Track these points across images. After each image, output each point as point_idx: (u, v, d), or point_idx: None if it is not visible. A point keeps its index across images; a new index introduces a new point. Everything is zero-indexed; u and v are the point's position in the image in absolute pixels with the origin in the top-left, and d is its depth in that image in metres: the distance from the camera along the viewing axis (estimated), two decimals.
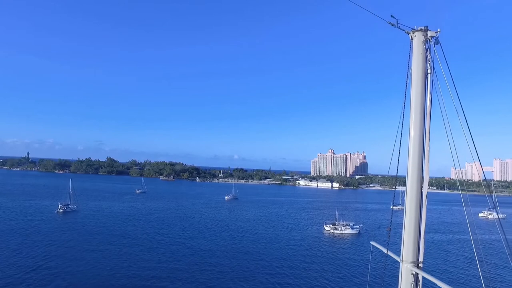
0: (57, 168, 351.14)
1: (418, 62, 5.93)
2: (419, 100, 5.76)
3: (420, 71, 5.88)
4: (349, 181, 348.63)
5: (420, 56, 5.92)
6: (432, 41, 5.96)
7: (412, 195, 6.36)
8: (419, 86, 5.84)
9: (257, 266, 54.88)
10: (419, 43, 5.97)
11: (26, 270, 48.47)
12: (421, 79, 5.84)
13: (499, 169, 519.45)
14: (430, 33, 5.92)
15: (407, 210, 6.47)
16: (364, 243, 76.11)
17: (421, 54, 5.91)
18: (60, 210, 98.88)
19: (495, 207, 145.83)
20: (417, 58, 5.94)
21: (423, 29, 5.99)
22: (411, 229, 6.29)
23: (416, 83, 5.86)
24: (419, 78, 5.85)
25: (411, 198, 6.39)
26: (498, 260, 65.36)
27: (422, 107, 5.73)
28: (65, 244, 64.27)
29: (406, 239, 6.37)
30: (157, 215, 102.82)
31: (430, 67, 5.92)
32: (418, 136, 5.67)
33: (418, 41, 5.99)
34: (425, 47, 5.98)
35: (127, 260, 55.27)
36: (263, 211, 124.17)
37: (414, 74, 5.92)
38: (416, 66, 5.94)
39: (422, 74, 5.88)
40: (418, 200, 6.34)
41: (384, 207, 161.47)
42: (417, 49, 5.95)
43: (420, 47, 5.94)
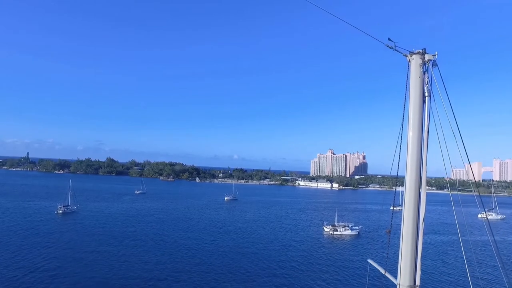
0: (57, 169, 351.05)
1: (416, 85, 5.92)
2: (416, 123, 5.75)
3: (417, 94, 5.88)
4: (349, 182, 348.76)
5: (418, 80, 5.92)
6: (429, 64, 5.98)
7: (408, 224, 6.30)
8: (417, 110, 5.84)
9: (256, 268, 54.89)
10: (417, 66, 5.97)
11: (25, 271, 48.45)
12: (419, 102, 5.84)
13: (498, 169, 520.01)
14: (428, 57, 5.92)
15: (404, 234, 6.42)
16: (364, 245, 76.16)
17: (419, 78, 5.90)
18: (60, 211, 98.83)
19: (493, 208, 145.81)
20: (415, 82, 5.94)
21: (421, 52, 5.98)
22: (407, 253, 6.24)
23: (414, 107, 5.86)
24: (416, 102, 5.85)
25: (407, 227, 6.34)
26: (486, 260, 65.37)
27: (420, 131, 5.71)
28: (65, 245, 64.28)
29: (403, 262, 6.33)
30: (156, 216, 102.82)
31: (428, 90, 5.92)
32: (416, 159, 5.66)
33: (415, 64, 5.99)
34: (423, 70, 5.99)
35: (126, 261, 55.30)
36: (262, 212, 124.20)
37: (412, 97, 5.91)
38: (413, 89, 5.94)
39: (419, 97, 5.88)
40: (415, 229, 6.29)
41: (383, 207, 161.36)
42: (415, 72, 5.94)
43: (418, 70, 5.94)
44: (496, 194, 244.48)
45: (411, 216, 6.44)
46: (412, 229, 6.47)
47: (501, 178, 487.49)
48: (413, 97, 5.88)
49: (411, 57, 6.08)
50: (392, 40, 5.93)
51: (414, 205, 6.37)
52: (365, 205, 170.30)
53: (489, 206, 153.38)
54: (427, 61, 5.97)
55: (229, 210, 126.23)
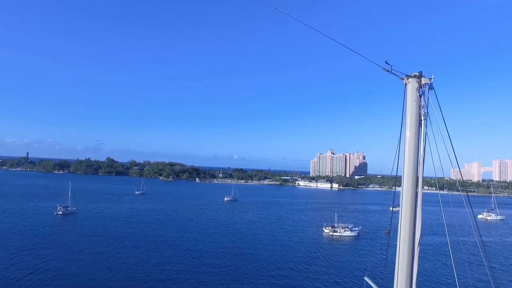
0: (57, 169, 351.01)
1: (412, 109, 5.94)
2: (412, 147, 5.77)
3: (413, 118, 5.90)
4: (349, 182, 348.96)
5: (414, 103, 5.93)
6: (426, 87, 5.99)
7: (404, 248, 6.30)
8: (413, 133, 5.85)
9: (254, 269, 54.91)
10: (413, 90, 5.98)
11: (24, 273, 48.54)
12: (415, 126, 5.86)
13: (498, 170, 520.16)
14: (424, 80, 5.93)
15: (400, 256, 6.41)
16: (363, 247, 76.18)
17: (415, 101, 5.92)
18: (60, 212, 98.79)
19: (493, 209, 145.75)
20: (411, 105, 5.95)
21: (417, 75, 5.99)
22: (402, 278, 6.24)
23: (410, 130, 5.88)
24: (412, 125, 5.87)
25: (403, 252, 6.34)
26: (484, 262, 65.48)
27: (416, 153, 5.73)
28: (64, 246, 64.39)
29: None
30: (156, 217, 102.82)
31: (424, 113, 5.94)
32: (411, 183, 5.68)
33: (412, 88, 6.00)
34: (419, 93, 6.00)
35: (125, 263, 55.43)
36: (262, 213, 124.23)
37: (408, 120, 5.93)
38: (410, 113, 5.95)
39: (415, 120, 5.90)
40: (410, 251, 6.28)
41: (383, 208, 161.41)
42: (411, 96, 5.96)
43: (414, 94, 5.95)
44: (495, 194, 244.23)
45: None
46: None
47: (500, 178, 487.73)
48: (409, 120, 5.90)
49: (408, 81, 6.09)
50: (389, 63, 5.95)
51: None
52: (364, 206, 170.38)
53: (488, 207, 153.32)
54: (424, 84, 5.99)
55: (228, 211, 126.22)
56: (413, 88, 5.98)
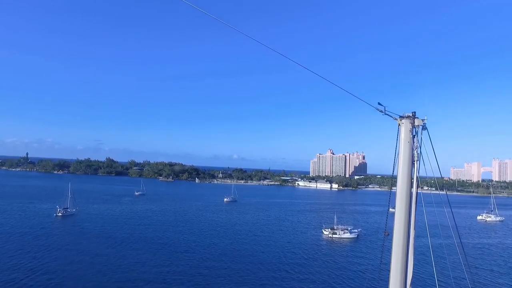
0: (56, 169, 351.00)
1: (405, 150, 5.98)
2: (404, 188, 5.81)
3: (406, 158, 5.94)
4: (348, 182, 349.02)
5: (407, 145, 5.97)
6: (419, 128, 6.02)
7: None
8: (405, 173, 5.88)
9: (253, 272, 54.95)
10: (407, 131, 6.02)
11: (22, 276, 48.66)
12: (408, 166, 5.90)
13: (498, 170, 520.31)
14: (418, 121, 5.97)
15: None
16: (362, 249, 76.19)
17: (408, 143, 5.96)
18: (59, 214, 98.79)
19: (492, 210, 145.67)
20: (404, 147, 5.99)
21: (411, 116, 6.03)
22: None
23: (403, 170, 5.92)
24: (405, 166, 5.91)
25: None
26: (483, 264, 65.44)
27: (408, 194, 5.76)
28: (63, 248, 64.70)
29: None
30: (156, 219, 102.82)
31: (417, 154, 5.98)
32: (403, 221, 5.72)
33: (405, 129, 6.04)
34: (412, 134, 6.03)
35: (124, 265, 55.73)
36: (261, 214, 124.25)
37: (401, 161, 5.96)
38: (403, 154, 5.99)
39: (408, 160, 5.94)
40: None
41: (382, 209, 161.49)
42: (404, 137, 6.00)
43: (407, 135, 5.99)
44: (495, 195, 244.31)
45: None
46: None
47: (500, 178, 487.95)
48: (402, 161, 5.93)
49: (401, 121, 6.13)
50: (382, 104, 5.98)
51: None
52: (364, 207, 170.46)
53: (488, 208, 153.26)
54: (417, 125, 6.02)
55: (228, 212, 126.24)
56: (406, 129, 6.02)
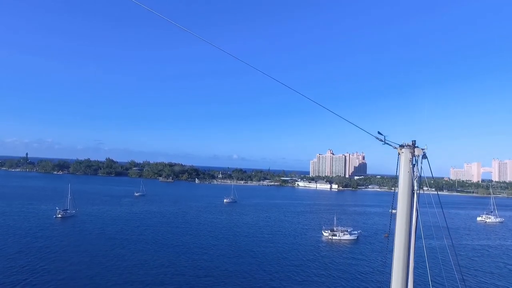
0: (56, 169, 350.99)
1: (405, 180, 5.93)
2: (404, 216, 5.75)
3: (406, 187, 5.88)
4: (348, 182, 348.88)
5: (407, 175, 5.92)
6: (419, 157, 5.98)
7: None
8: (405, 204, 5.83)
9: (253, 274, 54.88)
10: (406, 160, 5.97)
11: (22, 278, 48.73)
12: (407, 196, 5.85)
13: (497, 170, 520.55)
14: (418, 151, 5.92)
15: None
16: (362, 251, 76.09)
17: (408, 173, 5.91)
18: (59, 216, 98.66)
19: (492, 211, 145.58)
20: (404, 176, 5.93)
21: (411, 146, 5.99)
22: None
23: (402, 200, 5.87)
24: (405, 195, 5.86)
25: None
26: (483, 266, 65.32)
27: (408, 224, 5.71)
28: (63, 250, 64.73)
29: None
30: (155, 220, 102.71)
31: (417, 183, 5.93)
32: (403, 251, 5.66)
33: (405, 159, 5.99)
34: (412, 163, 5.98)
35: (123, 266, 55.83)
36: (261, 216, 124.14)
37: (401, 190, 5.92)
38: (402, 184, 5.94)
39: (408, 190, 5.89)
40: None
41: (382, 210, 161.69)
42: (404, 167, 5.95)
43: (407, 165, 5.94)
44: (495, 195, 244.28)
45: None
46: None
47: (500, 179, 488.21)
48: (402, 191, 5.88)
49: (401, 151, 6.08)
50: (382, 133, 5.95)
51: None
52: (364, 208, 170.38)
53: (487, 209, 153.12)
54: (417, 155, 5.97)
55: (228, 213, 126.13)
56: (406, 159, 5.98)
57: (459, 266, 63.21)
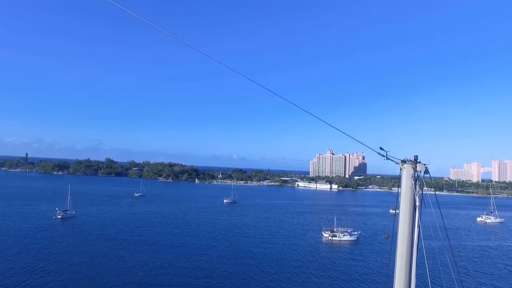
0: (56, 170, 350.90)
1: (407, 195, 5.86)
2: (406, 233, 5.68)
3: (408, 204, 5.82)
4: (348, 183, 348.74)
5: (409, 190, 5.86)
6: (422, 173, 5.92)
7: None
8: (406, 221, 5.77)
9: (252, 276, 54.83)
10: (408, 176, 5.91)
11: (22, 279, 48.79)
12: (409, 212, 5.80)
13: (497, 170, 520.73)
14: (420, 166, 5.86)
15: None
16: (362, 252, 76.01)
17: (410, 188, 5.86)
18: (59, 216, 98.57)
19: (492, 211, 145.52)
20: (406, 192, 5.87)
21: (413, 161, 5.93)
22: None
23: (404, 216, 5.81)
24: (406, 212, 5.80)
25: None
26: (483, 268, 65.27)
27: (409, 241, 5.64)
28: (63, 250, 64.96)
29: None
30: (155, 221, 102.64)
31: (419, 199, 5.87)
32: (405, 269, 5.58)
33: (407, 174, 5.93)
34: (414, 178, 5.92)
35: (123, 267, 55.93)
36: (261, 216, 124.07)
37: (402, 206, 5.85)
38: (404, 200, 5.88)
39: (410, 207, 5.83)
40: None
41: (382, 210, 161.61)
42: (406, 182, 5.89)
43: (409, 181, 5.88)
44: (494, 195, 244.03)
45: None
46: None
47: (500, 179, 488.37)
48: (403, 207, 5.82)
49: (403, 166, 6.02)
50: (384, 149, 5.90)
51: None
52: (364, 208, 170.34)
53: (487, 209, 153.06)
54: (420, 171, 5.91)
55: (227, 214, 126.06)
56: (408, 174, 5.91)
57: (456, 267, 63.18)
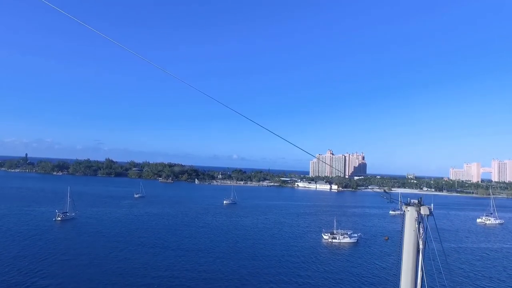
0: (56, 170, 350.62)
1: (410, 239, 5.80)
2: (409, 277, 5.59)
3: (411, 248, 5.76)
4: (348, 183, 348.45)
5: (412, 233, 5.80)
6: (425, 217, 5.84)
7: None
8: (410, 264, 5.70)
9: (252, 279, 54.75)
10: (412, 219, 5.83)
11: (21, 281, 48.90)
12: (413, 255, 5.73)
13: (497, 170, 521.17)
14: (424, 210, 5.78)
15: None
16: (362, 254, 75.94)
17: (413, 231, 5.79)
18: (58, 218, 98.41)
19: (492, 213, 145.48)
20: (409, 235, 5.81)
21: (417, 204, 5.87)
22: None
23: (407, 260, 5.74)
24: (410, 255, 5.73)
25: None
26: (482, 270, 65.19)
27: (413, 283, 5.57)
28: (63, 253, 65.11)
29: None
30: (155, 222, 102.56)
31: (423, 242, 5.81)
32: None
33: (410, 217, 5.85)
34: (418, 220, 5.85)
35: (122, 269, 56.15)
36: (261, 217, 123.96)
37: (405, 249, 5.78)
38: (407, 243, 5.81)
39: (413, 250, 5.76)
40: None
41: (382, 211, 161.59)
42: (409, 225, 5.82)
43: (412, 224, 5.81)
44: (494, 196, 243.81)
45: None
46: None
47: (499, 179, 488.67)
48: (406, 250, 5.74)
49: (407, 209, 5.96)
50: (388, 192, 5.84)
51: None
52: (363, 209, 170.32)
53: (487, 210, 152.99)
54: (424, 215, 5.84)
55: (227, 215, 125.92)
56: (412, 217, 5.84)
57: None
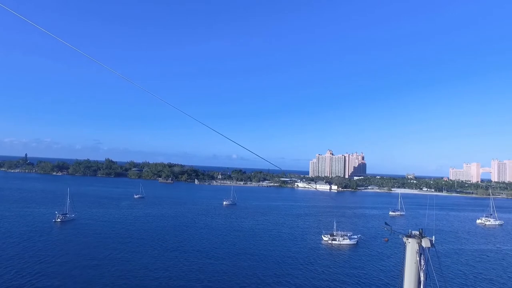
0: (55, 170, 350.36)
1: (411, 272, 5.71)
2: None
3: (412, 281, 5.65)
4: (348, 183, 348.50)
5: (414, 265, 5.71)
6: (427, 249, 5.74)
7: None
8: None
9: (252, 278, 54.67)
10: (413, 251, 5.73)
11: (21, 282, 48.84)
12: None
13: (497, 170, 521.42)
14: (425, 242, 5.67)
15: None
16: (361, 256, 75.85)
17: (414, 264, 5.70)
18: (58, 220, 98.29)
19: (491, 213, 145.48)
20: (410, 267, 5.72)
21: (418, 236, 5.77)
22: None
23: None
24: None
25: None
26: (483, 272, 65.12)
27: None
28: (62, 254, 65.04)
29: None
30: (155, 224, 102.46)
31: (424, 274, 5.72)
32: None
33: (412, 249, 5.75)
34: (419, 252, 5.76)
35: (122, 270, 56.06)
36: (260, 219, 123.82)
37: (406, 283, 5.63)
38: (408, 276, 5.71)
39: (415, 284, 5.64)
40: None
41: (381, 212, 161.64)
42: (411, 257, 5.71)
43: (414, 256, 5.72)
44: (494, 196, 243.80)
45: None
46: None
47: (499, 179, 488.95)
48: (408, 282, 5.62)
49: (407, 241, 5.86)
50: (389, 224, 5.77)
51: None
52: (363, 210, 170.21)
53: (487, 211, 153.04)
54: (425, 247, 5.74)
55: (227, 216, 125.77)
56: (413, 249, 5.74)
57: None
